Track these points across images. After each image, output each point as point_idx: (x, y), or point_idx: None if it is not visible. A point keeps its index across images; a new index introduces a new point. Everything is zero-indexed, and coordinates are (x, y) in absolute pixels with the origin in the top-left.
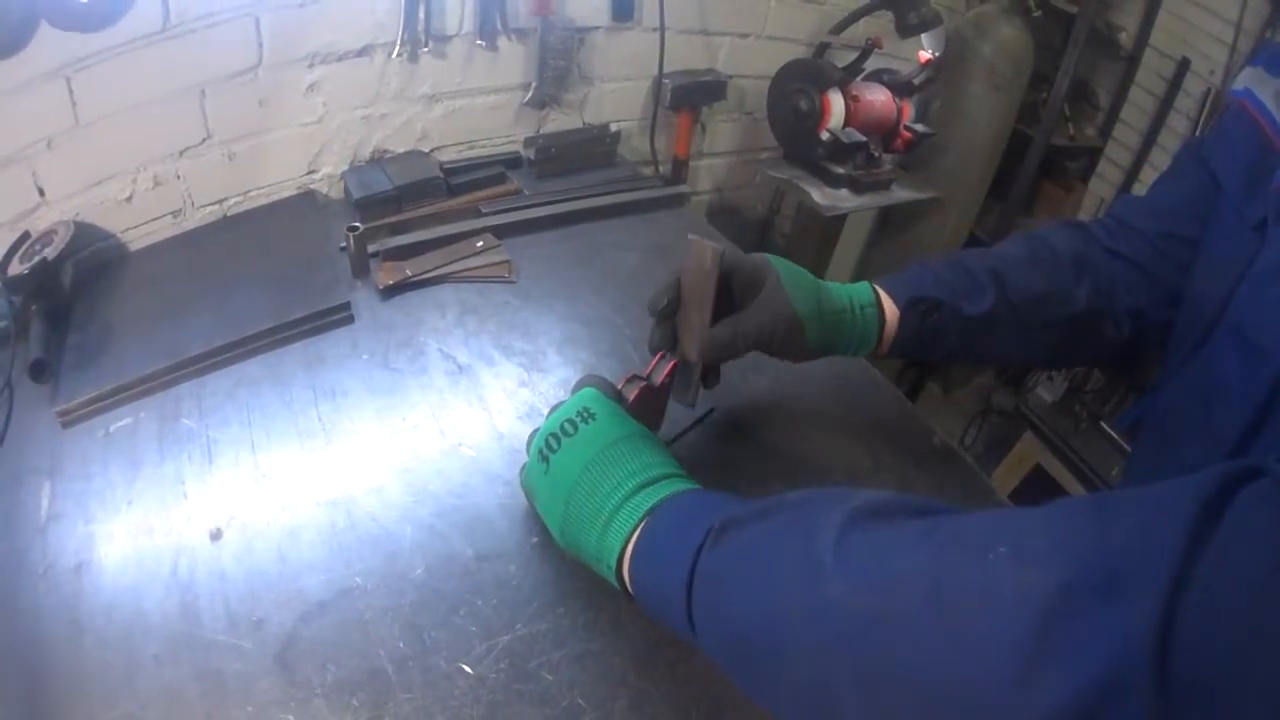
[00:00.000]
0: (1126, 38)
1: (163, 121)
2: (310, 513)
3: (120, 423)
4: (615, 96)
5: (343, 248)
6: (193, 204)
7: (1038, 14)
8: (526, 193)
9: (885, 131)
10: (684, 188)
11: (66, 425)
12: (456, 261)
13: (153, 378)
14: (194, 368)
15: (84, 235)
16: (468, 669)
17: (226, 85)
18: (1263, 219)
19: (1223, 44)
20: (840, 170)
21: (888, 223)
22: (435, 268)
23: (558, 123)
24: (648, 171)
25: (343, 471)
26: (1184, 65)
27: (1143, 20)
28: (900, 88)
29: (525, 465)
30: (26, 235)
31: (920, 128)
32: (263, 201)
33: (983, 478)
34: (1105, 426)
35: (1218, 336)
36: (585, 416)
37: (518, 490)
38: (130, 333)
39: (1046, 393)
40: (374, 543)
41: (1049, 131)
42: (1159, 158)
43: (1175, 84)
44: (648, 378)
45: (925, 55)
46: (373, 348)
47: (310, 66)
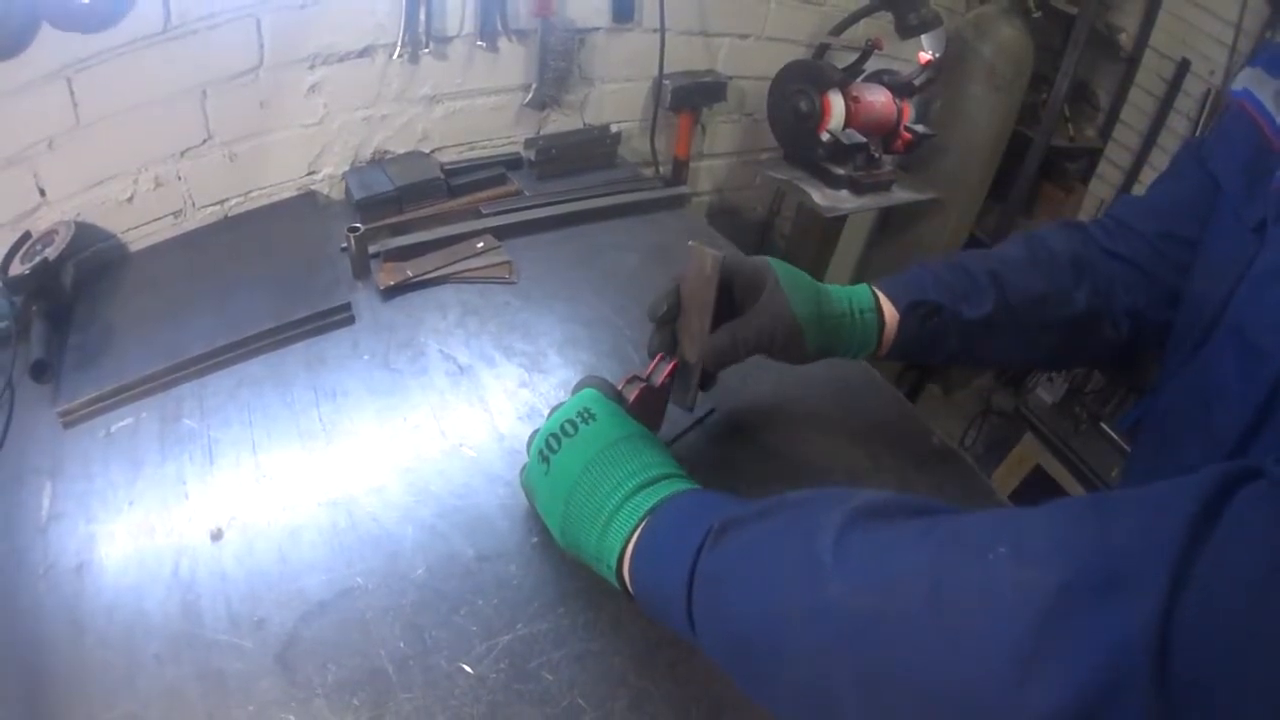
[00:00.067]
0: (1126, 39)
1: (164, 122)
2: (311, 513)
3: (121, 423)
4: (615, 97)
5: (344, 248)
6: (194, 204)
7: (1038, 15)
8: (527, 194)
9: (885, 132)
10: (684, 189)
11: (68, 425)
12: (457, 262)
13: (154, 378)
14: (195, 368)
15: (85, 235)
16: (468, 669)
17: (227, 86)
18: (1262, 220)
19: (1222, 45)
20: (840, 171)
21: (888, 224)
22: (436, 268)
23: (558, 124)
24: (648, 172)
25: (344, 472)
26: (1184, 66)
27: (1143, 21)
28: (900, 89)
29: (525, 465)
30: (27, 235)
31: (920, 129)
32: (264, 202)
33: (983, 478)
34: (1105, 427)
35: (1217, 337)
36: (585, 417)
37: (518, 490)
38: (131, 333)
39: (1046, 394)
40: (375, 543)
41: (1049, 132)
42: (1159, 158)
43: (1175, 85)
44: (648, 379)
45: (925, 56)
46: (374, 348)
47: (311, 67)
